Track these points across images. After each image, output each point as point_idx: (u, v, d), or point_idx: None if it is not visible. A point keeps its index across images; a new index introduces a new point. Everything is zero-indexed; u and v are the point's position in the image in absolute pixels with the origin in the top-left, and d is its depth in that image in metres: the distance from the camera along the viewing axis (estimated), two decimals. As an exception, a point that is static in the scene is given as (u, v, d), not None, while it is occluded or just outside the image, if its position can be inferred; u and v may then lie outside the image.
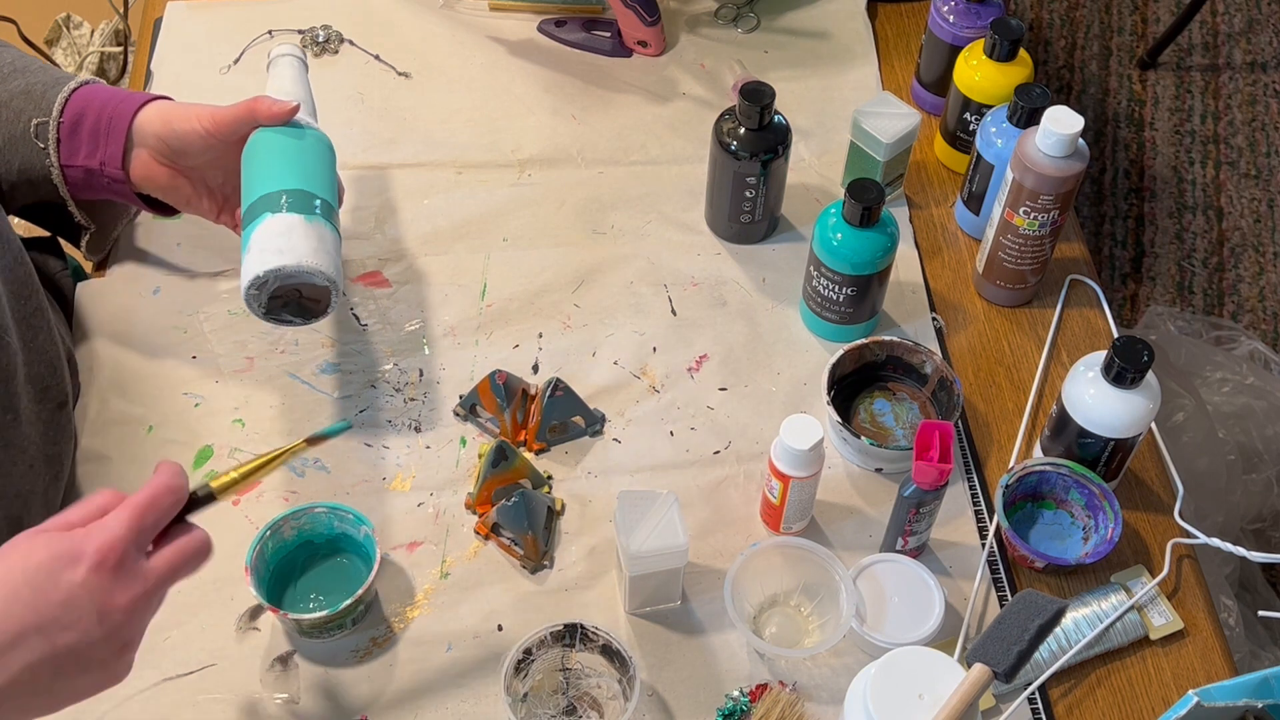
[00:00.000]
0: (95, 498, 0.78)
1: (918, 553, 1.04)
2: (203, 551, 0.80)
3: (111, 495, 0.78)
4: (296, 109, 1.04)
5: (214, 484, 0.84)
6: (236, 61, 1.37)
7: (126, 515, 0.75)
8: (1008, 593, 1.04)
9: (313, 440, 0.87)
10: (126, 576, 0.74)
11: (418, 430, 1.11)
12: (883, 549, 1.04)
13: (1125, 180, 2.38)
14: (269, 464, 0.86)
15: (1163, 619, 1.02)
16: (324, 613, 0.95)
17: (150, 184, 1.07)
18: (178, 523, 0.80)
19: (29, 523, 0.99)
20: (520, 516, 1.02)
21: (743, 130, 1.16)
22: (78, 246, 1.17)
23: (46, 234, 1.24)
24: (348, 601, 0.95)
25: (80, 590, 0.72)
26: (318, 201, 1.01)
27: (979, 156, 1.18)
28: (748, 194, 1.19)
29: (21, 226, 1.89)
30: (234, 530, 1.04)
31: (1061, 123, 1.06)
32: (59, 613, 0.72)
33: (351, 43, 1.40)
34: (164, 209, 1.13)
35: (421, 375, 1.15)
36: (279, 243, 0.97)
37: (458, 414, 1.12)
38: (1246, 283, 2.24)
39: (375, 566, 0.97)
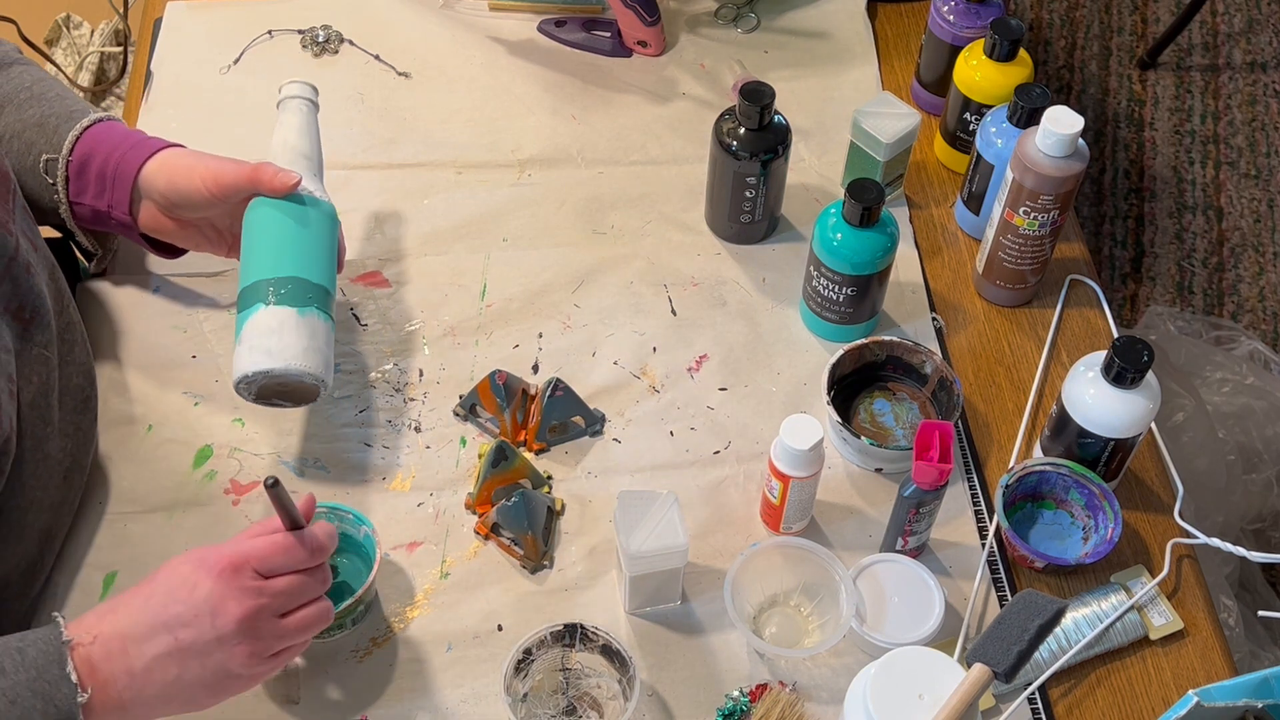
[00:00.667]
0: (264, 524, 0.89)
1: (918, 553, 1.04)
2: (321, 612, 0.89)
3: (271, 522, 0.88)
4: (299, 182, 1.03)
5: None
6: (236, 61, 1.37)
7: (263, 542, 0.85)
8: (1008, 593, 1.04)
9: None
10: (242, 588, 0.83)
11: (418, 430, 1.11)
12: (883, 549, 1.04)
13: (1125, 180, 2.38)
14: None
15: (1163, 619, 1.02)
16: (324, 613, 0.95)
17: (159, 233, 1.09)
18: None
19: (59, 531, 1.00)
20: (520, 516, 1.02)
21: (743, 130, 1.16)
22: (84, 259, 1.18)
23: (56, 237, 1.24)
24: (348, 601, 0.95)
25: (200, 594, 0.82)
26: (312, 292, 1.01)
27: (979, 156, 1.18)
28: (748, 194, 1.19)
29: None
30: (234, 530, 1.04)
31: (1061, 123, 1.06)
32: (181, 610, 0.82)
33: (351, 43, 1.40)
34: (172, 250, 1.14)
35: (421, 375, 1.15)
36: (269, 342, 0.98)
37: (458, 414, 1.12)
38: (1246, 283, 2.24)
39: (375, 566, 0.97)
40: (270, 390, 1.01)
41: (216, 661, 0.83)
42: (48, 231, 1.17)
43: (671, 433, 1.12)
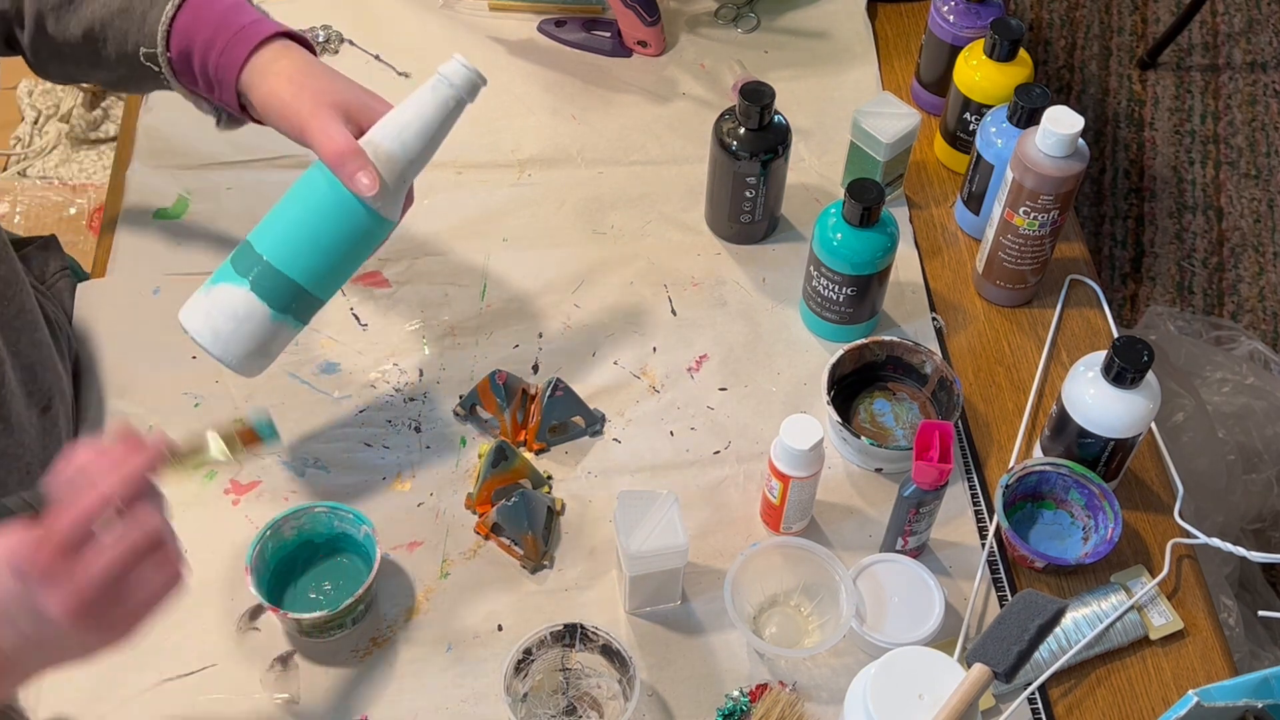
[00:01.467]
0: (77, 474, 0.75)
1: (918, 553, 1.04)
2: (148, 535, 0.75)
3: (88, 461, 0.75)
4: (375, 194, 0.91)
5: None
6: (236, 61, 1.37)
7: (63, 520, 0.72)
8: (1008, 593, 1.04)
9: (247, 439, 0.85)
10: (52, 581, 0.72)
11: (418, 430, 1.11)
12: (883, 549, 1.04)
13: (1125, 180, 2.38)
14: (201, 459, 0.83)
15: (1163, 619, 1.02)
16: (324, 613, 0.95)
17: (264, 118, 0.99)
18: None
19: None
20: (520, 516, 1.02)
21: (743, 130, 1.16)
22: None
23: (44, 235, 1.24)
24: (348, 601, 0.95)
25: (12, 602, 0.72)
26: (302, 303, 0.94)
27: (979, 156, 1.18)
28: (748, 194, 1.19)
29: (21, 228, 1.89)
30: (234, 530, 1.04)
31: (1061, 123, 1.06)
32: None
33: (351, 43, 1.40)
34: None
35: (421, 375, 1.15)
36: (226, 325, 0.92)
37: (458, 414, 1.12)
38: (1246, 283, 2.24)
39: (375, 566, 0.97)
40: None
41: (72, 645, 0.74)
42: (36, 230, 1.17)
43: (671, 433, 1.12)
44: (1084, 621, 1.01)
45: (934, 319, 1.20)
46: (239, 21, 0.97)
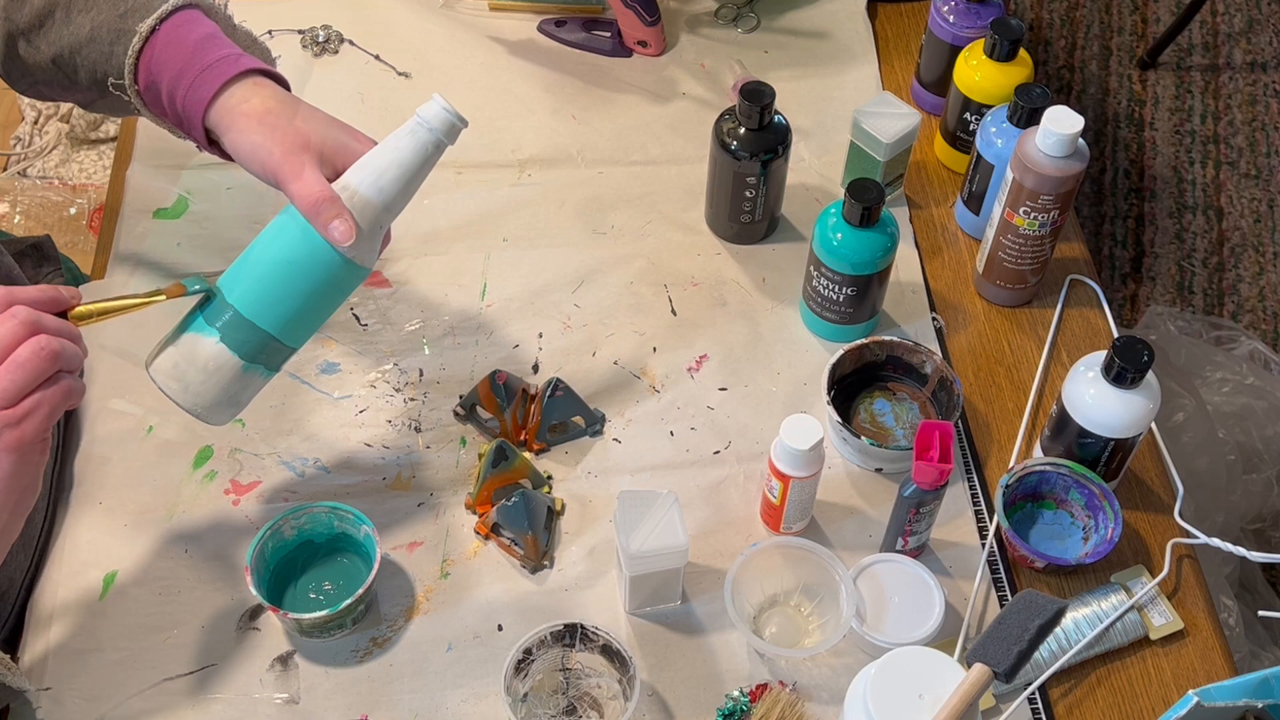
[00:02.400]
0: None
1: (918, 553, 1.04)
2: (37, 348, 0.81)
3: None
4: (351, 242, 0.88)
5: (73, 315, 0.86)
6: (236, 61, 1.37)
7: None
8: (1008, 593, 1.04)
9: (173, 293, 0.87)
10: None
11: (418, 430, 1.11)
12: (883, 549, 1.04)
13: (1125, 180, 2.38)
14: (125, 308, 0.88)
15: (1163, 619, 1.02)
16: (324, 612, 0.95)
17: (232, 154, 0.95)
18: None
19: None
20: (520, 516, 1.02)
21: (743, 130, 1.16)
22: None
23: (39, 236, 1.24)
24: (348, 601, 0.95)
25: None
26: (273, 353, 0.91)
27: (979, 156, 1.18)
28: (748, 194, 1.19)
29: (21, 228, 1.89)
30: (234, 530, 1.05)
31: (1061, 123, 1.06)
32: None
33: (351, 43, 1.40)
34: None
35: (421, 375, 1.15)
36: (195, 377, 0.89)
37: (458, 414, 1.12)
38: (1246, 283, 2.24)
39: (375, 566, 0.97)
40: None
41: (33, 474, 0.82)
42: (34, 231, 1.17)
43: (671, 433, 1.12)
44: (1084, 621, 1.01)
45: (934, 319, 1.20)
46: (208, 58, 0.93)
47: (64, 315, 0.85)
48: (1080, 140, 1.07)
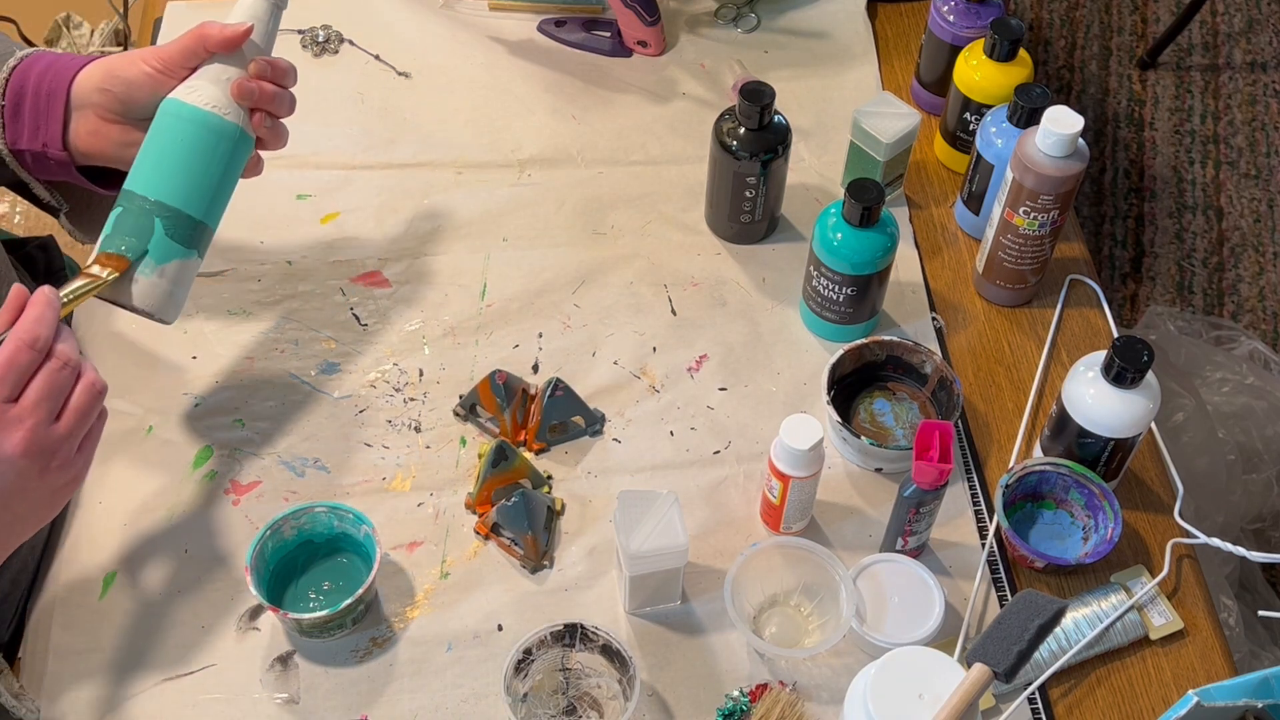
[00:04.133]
0: None
1: (918, 553, 1.04)
2: (90, 389, 0.86)
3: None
4: (249, 31, 0.94)
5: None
6: (236, 61, 1.37)
7: None
8: (1008, 593, 1.04)
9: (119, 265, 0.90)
10: (2, 426, 0.82)
11: (418, 430, 1.11)
12: (883, 549, 1.04)
13: (1125, 180, 2.38)
14: (90, 290, 0.91)
15: (1163, 619, 1.02)
16: (324, 612, 0.95)
17: (101, 148, 0.98)
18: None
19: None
20: (520, 516, 1.02)
21: (743, 130, 1.16)
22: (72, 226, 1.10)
23: (43, 237, 1.24)
24: (348, 601, 0.95)
25: None
26: (207, 239, 0.97)
27: (979, 156, 1.18)
28: (748, 194, 1.19)
29: (21, 228, 1.90)
30: (234, 530, 1.05)
31: (1061, 123, 1.06)
32: None
33: (351, 43, 1.40)
34: (118, 182, 1.03)
35: (421, 375, 1.15)
36: (183, 293, 0.96)
37: (458, 414, 1.12)
38: (1246, 283, 2.24)
39: (375, 566, 0.97)
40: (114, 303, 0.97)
41: (34, 490, 0.84)
42: (35, 230, 1.17)
43: (671, 433, 1.12)
44: (1084, 621, 1.01)
45: (934, 319, 1.20)
46: (78, 56, 1.00)
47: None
48: (1080, 140, 1.07)
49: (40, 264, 1.20)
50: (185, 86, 0.95)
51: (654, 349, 1.17)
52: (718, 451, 1.11)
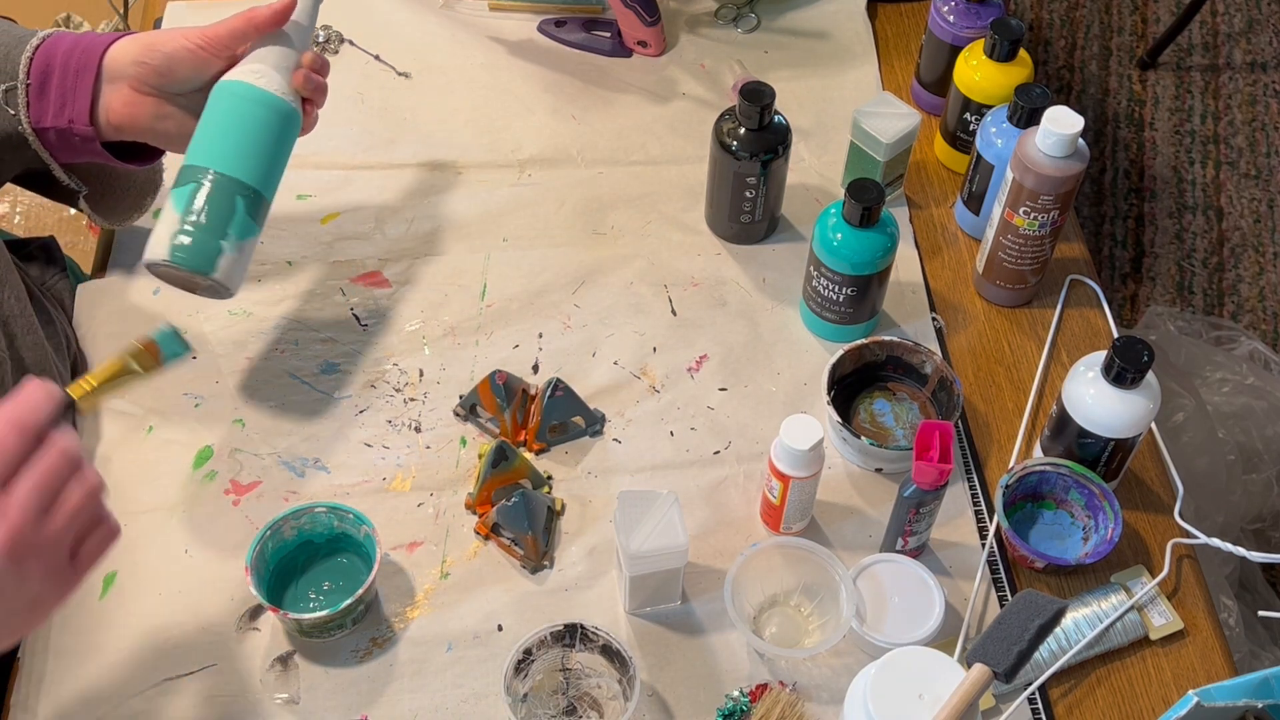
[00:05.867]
0: None
1: (918, 553, 1.04)
2: (88, 488, 0.77)
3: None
4: (292, 6, 0.99)
5: (73, 392, 0.83)
6: (236, 61, 1.37)
7: None
8: (1008, 593, 1.04)
9: (149, 363, 0.88)
10: None
11: (418, 430, 1.11)
12: (883, 549, 1.04)
13: (1125, 180, 2.38)
14: (117, 376, 0.87)
15: (1163, 619, 1.02)
16: (324, 613, 0.95)
17: (135, 120, 0.99)
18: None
19: None
20: (520, 516, 1.02)
21: (743, 130, 1.16)
22: (91, 210, 1.10)
23: (45, 237, 1.24)
24: (348, 601, 0.95)
25: None
26: (265, 212, 0.99)
27: (979, 156, 1.18)
28: (748, 194, 1.19)
29: (21, 228, 1.89)
30: (234, 530, 1.05)
31: (1061, 123, 1.06)
32: None
33: (351, 43, 1.40)
34: (146, 157, 1.06)
35: (421, 375, 1.15)
36: (154, 231, 0.96)
37: (458, 414, 1.12)
38: (1246, 283, 2.24)
39: (375, 566, 0.97)
40: (178, 279, 0.98)
41: (12, 594, 0.74)
42: (35, 230, 1.17)
43: (671, 433, 1.12)
44: (1084, 621, 1.01)
45: (934, 319, 1.20)
46: (100, 35, 1.01)
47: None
48: (1080, 140, 1.07)
49: (37, 267, 1.20)
50: (250, 71, 0.98)
51: (654, 349, 1.17)
52: (718, 451, 1.11)
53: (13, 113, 0.98)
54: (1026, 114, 1.13)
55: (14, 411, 0.74)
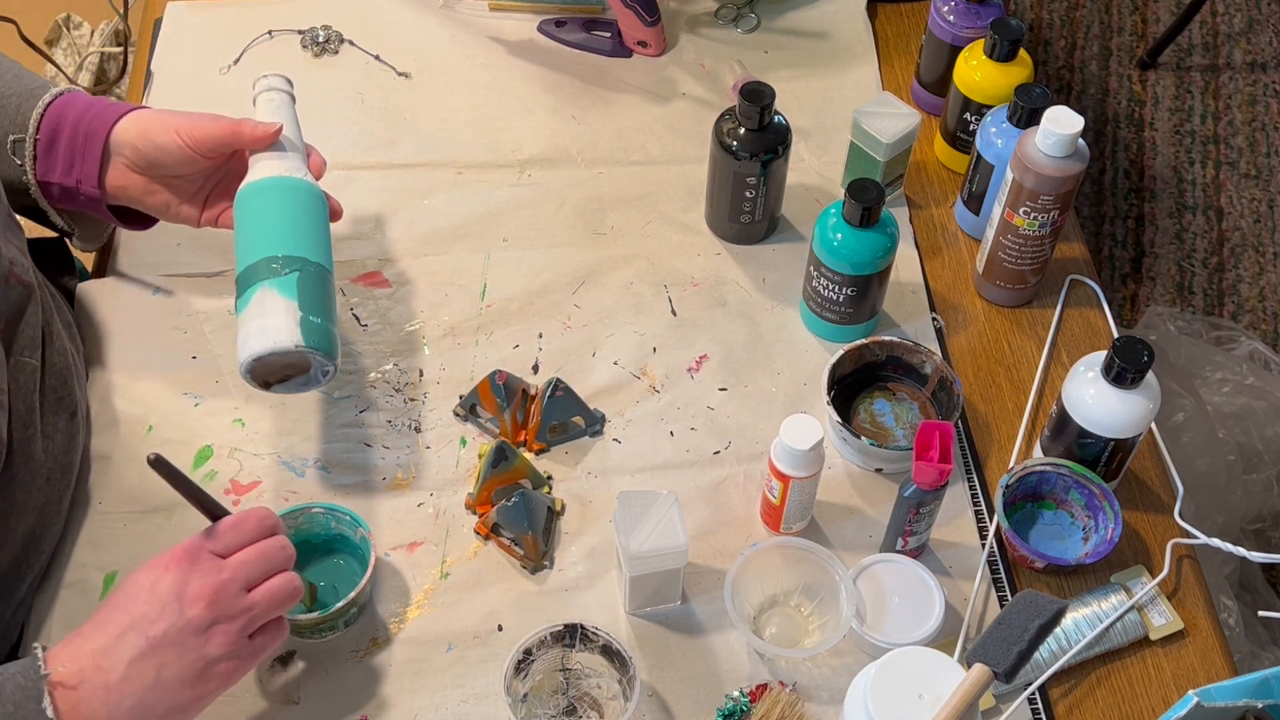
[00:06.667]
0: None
1: (918, 553, 1.04)
2: (287, 583, 0.88)
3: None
4: (280, 130, 1.02)
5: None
6: (236, 62, 1.37)
7: (206, 529, 0.88)
8: (1008, 593, 1.04)
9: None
10: (201, 568, 0.84)
11: (418, 430, 1.11)
12: (883, 549, 1.04)
13: (1125, 180, 2.38)
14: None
15: (1163, 619, 1.02)
16: (315, 614, 0.95)
17: (125, 193, 1.05)
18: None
19: (46, 535, 0.99)
20: (520, 516, 1.02)
21: (743, 130, 1.16)
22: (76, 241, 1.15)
23: (53, 237, 1.24)
24: (340, 604, 0.95)
25: (162, 587, 0.83)
26: (306, 267, 0.98)
27: (979, 156, 1.18)
28: (748, 194, 1.19)
29: (28, 228, 1.89)
30: (234, 530, 1.04)
31: (1061, 123, 1.06)
32: (146, 608, 0.82)
33: (351, 43, 1.40)
34: (141, 222, 1.11)
35: (421, 375, 1.15)
36: (259, 323, 0.94)
37: (458, 414, 1.12)
38: (1246, 283, 2.24)
39: (369, 570, 0.97)
40: (276, 372, 0.97)
41: (192, 650, 0.82)
42: (43, 230, 1.17)
43: (671, 433, 1.12)
44: (1084, 621, 1.01)
45: (934, 319, 1.20)
46: (113, 102, 1.06)
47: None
48: (1080, 140, 1.07)
49: (50, 269, 1.20)
50: (282, 164, 1.02)
51: (654, 349, 1.17)
52: (718, 452, 1.11)
53: (19, 163, 1.03)
54: (1026, 114, 1.13)
55: (262, 510, 0.89)
